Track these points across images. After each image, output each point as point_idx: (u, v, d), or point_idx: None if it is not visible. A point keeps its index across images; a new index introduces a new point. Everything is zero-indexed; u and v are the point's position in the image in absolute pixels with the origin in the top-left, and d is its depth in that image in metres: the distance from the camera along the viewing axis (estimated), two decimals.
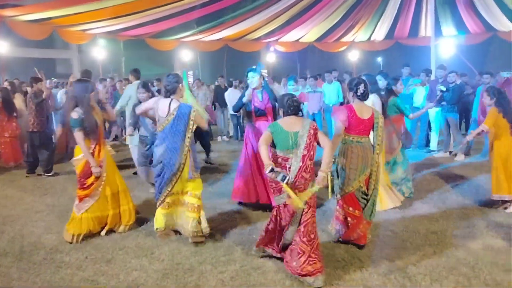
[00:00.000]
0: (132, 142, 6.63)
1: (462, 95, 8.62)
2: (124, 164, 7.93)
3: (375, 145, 4.19)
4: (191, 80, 15.13)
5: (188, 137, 4.23)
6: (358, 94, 4.21)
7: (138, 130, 6.02)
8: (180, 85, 4.40)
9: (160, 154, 4.29)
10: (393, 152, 5.64)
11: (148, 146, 5.31)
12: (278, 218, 3.76)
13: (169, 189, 4.30)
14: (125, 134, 7.85)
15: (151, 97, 5.35)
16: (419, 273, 3.64)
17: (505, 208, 5.21)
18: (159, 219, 4.42)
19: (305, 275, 3.50)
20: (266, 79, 6.58)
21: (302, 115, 3.93)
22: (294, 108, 3.78)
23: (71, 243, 4.40)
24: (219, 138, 11.57)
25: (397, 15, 17.60)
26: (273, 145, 3.74)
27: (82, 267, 3.88)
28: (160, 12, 14.49)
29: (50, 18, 12.93)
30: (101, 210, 4.55)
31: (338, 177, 4.26)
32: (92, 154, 4.46)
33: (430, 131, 9.11)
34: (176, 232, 4.57)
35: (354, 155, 4.13)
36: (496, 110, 5.20)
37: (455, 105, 8.30)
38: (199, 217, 4.38)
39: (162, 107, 4.30)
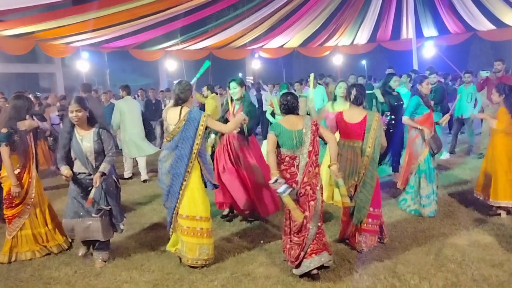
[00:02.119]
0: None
1: (445, 95, 8.74)
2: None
3: (365, 147, 4.14)
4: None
5: (197, 144, 3.95)
6: (351, 99, 4.30)
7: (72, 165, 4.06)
8: (192, 93, 4.22)
9: (169, 166, 3.99)
10: (416, 160, 5.15)
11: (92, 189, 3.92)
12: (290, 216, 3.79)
13: (177, 204, 3.98)
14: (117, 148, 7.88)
15: (88, 117, 4.03)
16: (408, 272, 3.68)
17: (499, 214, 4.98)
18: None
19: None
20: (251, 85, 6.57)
21: (297, 114, 3.99)
22: (285, 107, 3.89)
23: (8, 263, 4.29)
24: None
25: (379, 18, 17.84)
26: (277, 145, 3.85)
27: (71, 282, 3.84)
28: (143, 22, 14.48)
29: (32, 33, 12.82)
30: (34, 228, 4.43)
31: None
32: (21, 173, 4.33)
33: None
34: None
35: (342, 158, 4.19)
36: (505, 109, 4.85)
37: (438, 105, 8.41)
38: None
39: (172, 115, 4.08)
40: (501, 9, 15.04)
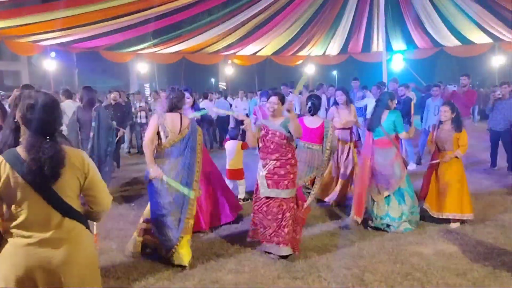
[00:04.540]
0: None
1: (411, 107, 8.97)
2: None
3: (325, 149, 4.91)
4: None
5: (199, 153, 4.11)
6: (307, 109, 5.28)
7: None
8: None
9: (175, 176, 3.95)
10: (399, 182, 4.91)
11: None
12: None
13: (189, 215, 4.00)
14: None
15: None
16: (375, 280, 3.71)
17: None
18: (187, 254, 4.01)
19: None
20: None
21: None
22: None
23: None
24: None
25: (350, 31, 18.21)
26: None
27: None
28: (115, 24, 14.23)
29: None
30: None
31: None
32: None
33: None
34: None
35: (301, 158, 4.81)
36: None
37: (406, 116, 8.62)
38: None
39: (173, 122, 4.02)
40: (467, 26, 15.67)
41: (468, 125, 8.16)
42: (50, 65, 15.81)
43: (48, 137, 2.11)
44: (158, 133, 4.03)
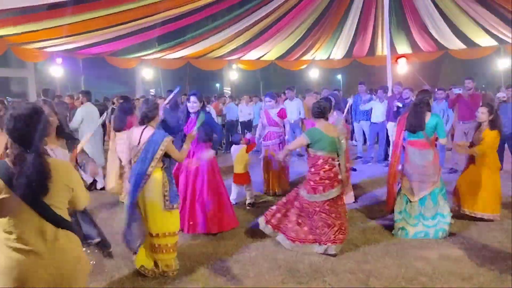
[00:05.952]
0: None
1: None
2: None
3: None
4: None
5: (152, 166, 3.80)
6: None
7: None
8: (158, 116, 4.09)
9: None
10: (434, 184, 4.83)
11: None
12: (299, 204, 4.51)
13: None
14: None
15: (58, 126, 3.50)
16: (380, 285, 3.70)
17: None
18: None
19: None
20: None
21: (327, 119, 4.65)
22: (316, 113, 4.50)
23: None
24: None
25: (355, 35, 18.21)
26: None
27: None
28: (120, 30, 14.32)
29: (4, 36, 12.50)
30: None
31: None
32: None
33: (389, 145, 9.36)
34: None
35: None
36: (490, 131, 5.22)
37: None
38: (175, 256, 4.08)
39: (135, 135, 3.96)
40: (471, 29, 15.62)
41: (473, 128, 8.13)
42: (57, 71, 15.92)
43: (31, 149, 2.08)
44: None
